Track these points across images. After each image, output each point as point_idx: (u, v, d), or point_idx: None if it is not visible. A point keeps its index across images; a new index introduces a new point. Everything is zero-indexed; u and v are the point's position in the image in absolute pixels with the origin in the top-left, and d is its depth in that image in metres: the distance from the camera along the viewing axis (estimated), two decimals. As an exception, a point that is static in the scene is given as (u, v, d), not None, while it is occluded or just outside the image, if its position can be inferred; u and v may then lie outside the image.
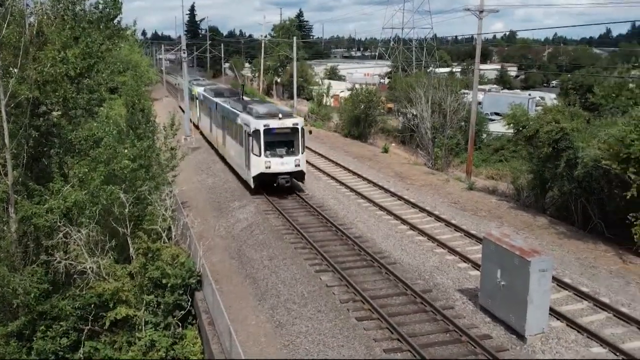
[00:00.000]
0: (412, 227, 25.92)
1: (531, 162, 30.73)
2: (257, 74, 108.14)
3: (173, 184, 26.47)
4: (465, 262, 22.00)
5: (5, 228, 20.65)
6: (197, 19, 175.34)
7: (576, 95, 39.55)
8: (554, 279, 18.14)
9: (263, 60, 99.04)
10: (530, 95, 75.89)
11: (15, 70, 20.81)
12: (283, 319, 18.01)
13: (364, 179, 35.58)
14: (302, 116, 44.84)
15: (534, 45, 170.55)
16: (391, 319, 17.36)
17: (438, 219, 27.22)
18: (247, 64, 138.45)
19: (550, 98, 68.45)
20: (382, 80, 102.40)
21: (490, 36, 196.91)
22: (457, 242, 24.26)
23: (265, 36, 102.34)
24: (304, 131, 30.81)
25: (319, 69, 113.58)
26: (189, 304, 19.98)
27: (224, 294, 19.40)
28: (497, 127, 51.22)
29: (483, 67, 78.70)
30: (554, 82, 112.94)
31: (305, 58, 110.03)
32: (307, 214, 28.01)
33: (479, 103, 58.27)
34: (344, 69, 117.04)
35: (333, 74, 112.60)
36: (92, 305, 19.60)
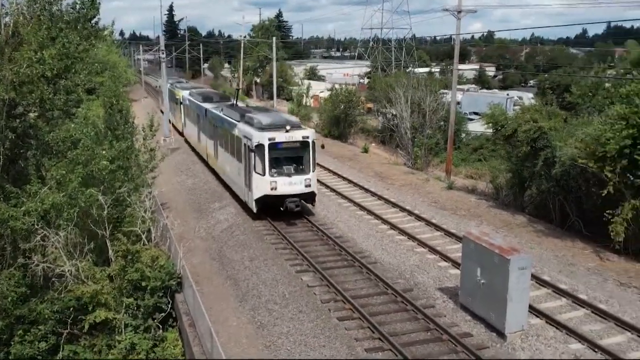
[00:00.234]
0: (393, 226, 26.01)
1: (510, 161, 31.03)
2: (236, 75, 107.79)
3: (152, 185, 26.28)
4: (445, 261, 22.12)
5: (-19, 231, 20.34)
6: (176, 19, 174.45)
7: (553, 94, 40.02)
8: (533, 276, 18.30)
9: (242, 60, 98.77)
10: (508, 95, 76.59)
11: (-10, 71, 20.52)
12: (264, 320, 17.97)
13: (344, 179, 35.63)
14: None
15: (512, 46, 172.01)
16: (372, 318, 17.40)
17: (418, 218, 27.34)
18: (227, 65, 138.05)
19: (528, 98, 69.21)
20: (361, 81, 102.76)
21: (468, 36, 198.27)
22: (437, 241, 24.39)
23: (245, 36, 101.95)
24: (314, 145, 26.89)
25: (299, 69, 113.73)
26: (169, 306, 19.83)
27: (204, 295, 19.31)
28: (476, 127, 51.68)
29: (462, 67, 79.30)
30: (532, 82, 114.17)
31: (285, 58, 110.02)
32: (288, 215, 27.94)
33: (458, 103, 58.75)
34: (323, 69, 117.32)
35: (313, 74, 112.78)
36: (70, 309, 19.36)
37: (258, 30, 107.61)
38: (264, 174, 25.54)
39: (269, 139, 25.46)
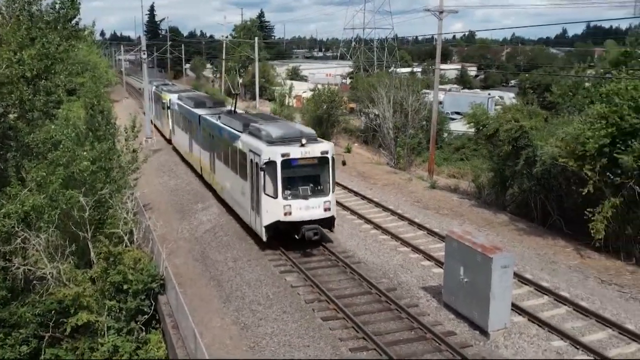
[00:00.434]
0: (376, 226, 26.07)
1: (491, 160, 31.23)
2: (218, 75, 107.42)
3: (135, 186, 26.09)
4: (428, 260, 22.22)
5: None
6: (157, 19, 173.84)
7: (534, 94, 40.34)
8: (515, 274, 18.43)
9: (224, 61, 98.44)
10: (489, 94, 77.02)
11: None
12: (248, 321, 17.93)
13: (327, 179, 35.55)
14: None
15: (493, 46, 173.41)
16: (356, 318, 17.43)
17: (401, 217, 27.43)
18: (209, 65, 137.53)
19: (509, 97, 69.65)
20: (344, 81, 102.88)
21: (450, 36, 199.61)
22: (421, 240, 24.49)
23: (227, 37, 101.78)
24: (334, 161, 23.14)
25: (281, 69, 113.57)
26: (152, 308, 19.71)
27: (188, 297, 19.21)
28: (458, 126, 51.97)
29: (443, 67, 79.74)
30: (513, 82, 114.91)
31: (267, 58, 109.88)
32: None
33: (440, 102, 58.95)
34: (306, 69, 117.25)
35: (295, 75, 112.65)
36: (52, 312, 19.15)
37: (240, 31, 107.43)
38: (275, 196, 21.89)
39: (282, 155, 21.78)
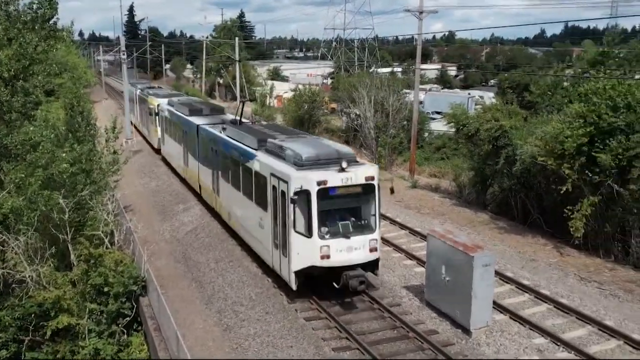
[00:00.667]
0: (358, 226, 26.00)
1: (472, 159, 31.45)
2: (199, 76, 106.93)
3: (115, 188, 25.89)
4: (410, 259, 22.30)
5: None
6: (137, 19, 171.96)
7: (513, 93, 40.53)
8: (496, 273, 18.56)
9: (205, 61, 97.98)
10: (469, 94, 77.48)
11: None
12: (231, 322, 17.88)
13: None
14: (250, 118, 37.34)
15: (473, 45, 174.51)
16: (339, 317, 17.45)
17: (383, 217, 27.36)
18: (189, 66, 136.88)
19: (489, 97, 70.01)
20: (325, 81, 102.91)
21: (430, 37, 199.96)
22: (402, 239, 24.59)
23: (207, 37, 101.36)
24: (379, 189, 18.77)
25: (262, 69, 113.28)
26: (133, 310, 19.56)
27: (170, 298, 19.09)
28: (439, 126, 52.14)
29: (424, 67, 80.00)
30: (492, 81, 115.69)
31: (248, 59, 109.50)
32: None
33: (421, 102, 59.19)
34: (287, 69, 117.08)
35: (276, 75, 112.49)
36: (32, 315, 18.97)
37: (220, 31, 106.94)
38: (310, 234, 17.53)
39: (319, 184, 17.43)
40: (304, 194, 17.41)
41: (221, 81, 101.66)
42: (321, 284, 18.58)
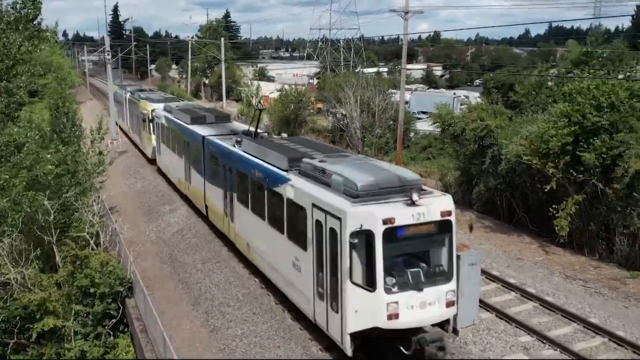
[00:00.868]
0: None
1: (458, 159, 31.61)
2: (184, 76, 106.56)
3: (101, 189, 25.73)
4: (397, 258, 22.28)
5: None
6: (121, 19, 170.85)
7: (498, 93, 40.84)
8: (482, 271, 18.66)
9: (190, 61, 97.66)
10: (455, 94, 77.70)
11: None
12: (218, 323, 17.84)
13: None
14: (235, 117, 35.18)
15: (458, 46, 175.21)
16: (327, 317, 17.28)
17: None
18: (174, 66, 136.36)
19: (474, 97, 70.36)
20: (311, 81, 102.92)
21: (416, 37, 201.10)
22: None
23: (192, 37, 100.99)
24: (455, 227, 15.10)
25: (248, 69, 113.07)
26: (119, 312, 19.45)
27: (156, 300, 19.02)
28: (424, 126, 52.30)
29: (409, 67, 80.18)
30: (477, 81, 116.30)
31: (234, 59, 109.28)
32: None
33: (407, 102, 59.33)
34: (273, 69, 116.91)
35: (262, 75, 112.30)
36: (17, 318, 18.78)
37: (206, 31, 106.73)
38: (373, 287, 13.57)
39: (385, 222, 13.45)
40: (367, 236, 13.49)
41: (207, 81, 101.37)
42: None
